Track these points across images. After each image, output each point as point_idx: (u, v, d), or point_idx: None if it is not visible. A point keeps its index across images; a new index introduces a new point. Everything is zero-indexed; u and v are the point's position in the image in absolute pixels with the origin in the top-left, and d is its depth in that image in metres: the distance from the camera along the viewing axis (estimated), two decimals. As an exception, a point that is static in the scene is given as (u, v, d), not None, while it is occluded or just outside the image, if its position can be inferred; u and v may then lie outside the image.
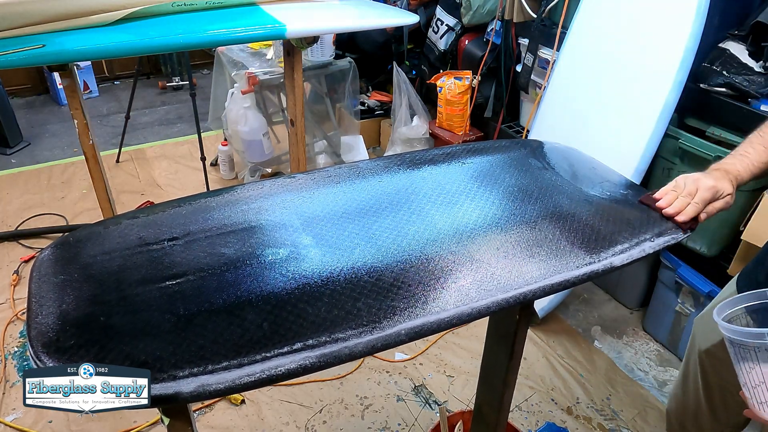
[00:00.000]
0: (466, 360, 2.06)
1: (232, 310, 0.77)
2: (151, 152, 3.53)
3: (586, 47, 2.08)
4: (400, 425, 1.82)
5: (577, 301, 2.37)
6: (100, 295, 0.80)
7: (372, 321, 0.77)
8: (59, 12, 1.73)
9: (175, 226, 0.95)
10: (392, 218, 0.98)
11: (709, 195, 0.98)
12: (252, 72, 2.72)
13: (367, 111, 3.41)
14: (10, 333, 2.15)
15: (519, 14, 2.50)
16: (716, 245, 1.90)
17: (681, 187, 1.01)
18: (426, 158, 1.19)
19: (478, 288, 0.84)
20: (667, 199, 1.02)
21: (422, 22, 3.15)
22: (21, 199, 3.00)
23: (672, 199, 1.01)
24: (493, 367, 1.24)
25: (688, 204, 0.99)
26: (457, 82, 2.80)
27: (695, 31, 1.73)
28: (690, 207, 0.98)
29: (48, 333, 0.74)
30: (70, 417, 1.81)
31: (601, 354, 2.11)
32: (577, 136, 2.01)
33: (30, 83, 4.30)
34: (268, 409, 1.86)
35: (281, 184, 1.08)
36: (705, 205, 0.98)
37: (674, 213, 0.99)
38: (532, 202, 1.04)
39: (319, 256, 0.88)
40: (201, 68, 4.90)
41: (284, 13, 2.01)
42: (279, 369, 0.70)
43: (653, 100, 1.80)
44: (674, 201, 1.00)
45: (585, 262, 0.90)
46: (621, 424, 1.84)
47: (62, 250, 0.90)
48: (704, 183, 0.98)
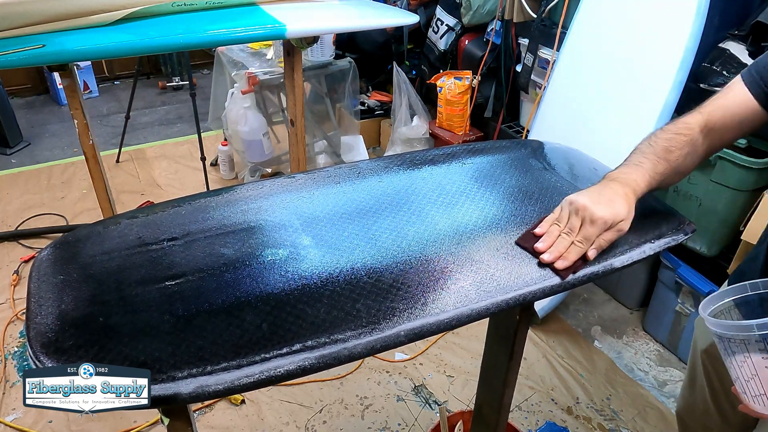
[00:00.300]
0: (466, 360, 2.06)
1: (231, 311, 0.77)
2: (151, 152, 3.53)
3: (586, 47, 2.08)
4: (400, 425, 1.82)
5: (577, 301, 2.37)
6: (99, 295, 0.80)
7: (371, 322, 0.77)
8: (59, 12, 1.73)
9: (174, 226, 0.95)
10: (392, 219, 0.98)
11: (594, 231, 0.85)
12: (252, 72, 2.72)
13: (367, 111, 3.41)
14: (10, 333, 2.15)
15: (519, 14, 2.50)
16: (716, 245, 1.90)
17: (564, 219, 0.88)
18: (426, 158, 1.18)
19: (478, 289, 0.84)
20: (547, 239, 0.88)
21: (422, 22, 3.15)
22: (21, 199, 3.00)
23: (552, 238, 0.88)
24: (494, 367, 1.24)
25: (570, 245, 0.86)
26: (457, 82, 2.80)
27: (695, 31, 1.73)
28: (571, 250, 0.86)
29: (47, 333, 0.74)
30: (70, 417, 1.82)
31: (601, 354, 2.11)
32: (577, 136, 2.01)
33: (30, 83, 4.30)
34: (268, 409, 1.86)
35: (281, 184, 1.08)
36: (590, 243, 0.86)
37: (552, 260, 0.86)
38: (532, 202, 1.04)
39: (318, 257, 0.88)
40: (201, 68, 4.90)
41: (284, 13, 2.01)
42: (278, 370, 0.70)
43: (653, 100, 1.80)
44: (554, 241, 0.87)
45: (585, 263, 0.90)
46: (621, 424, 1.84)
47: (62, 250, 0.90)
48: (589, 215, 0.85)
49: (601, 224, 0.85)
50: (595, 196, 0.86)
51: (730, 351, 0.80)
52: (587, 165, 1.22)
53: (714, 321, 0.81)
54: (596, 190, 0.88)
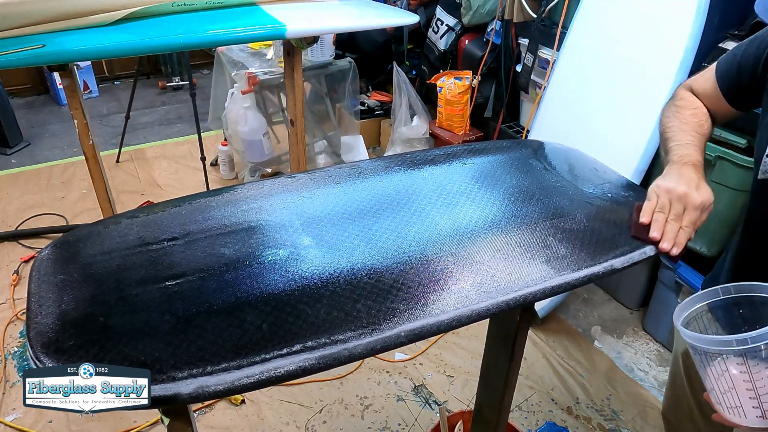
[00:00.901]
0: (466, 360, 2.06)
1: (231, 311, 0.77)
2: (151, 152, 3.53)
3: (586, 47, 2.08)
4: (400, 425, 1.82)
5: (577, 301, 2.37)
6: (99, 295, 0.80)
7: (371, 323, 0.77)
8: (59, 12, 1.73)
9: (174, 226, 0.95)
10: (392, 219, 0.98)
11: (697, 215, 0.89)
12: (252, 72, 2.72)
13: (367, 111, 3.41)
14: (10, 333, 2.15)
15: (519, 14, 2.49)
16: (716, 245, 1.90)
17: (665, 206, 0.91)
18: (426, 158, 1.18)
19: (478, 290, 0.84)
20: (657, 226, 0.92)
21: (422, 22, 3.15)
22: (21, 199, 3.00)
23: (662, 226, 0.91)
24: (494, 367, 1.24)
25: (679, 230, 0.90)
26: (457, 82, 2.80)
27: (695, 31, 1.73)
28: (681, 235, 0.90)
29: (47, 333, 0.74)
30: (70, 417, 1.81)
31: (601, 354, 2.11)
32: (577, 136, 2.01)
33: (30, 83, 4.30)
34: (268, 409, 1.85)
35: (281, 184, 1.08)
36: (695, 227, 0.90)
37: (670, 247, 0.90)
38: (532, 203, 1.04)
39: (318, 257, 0.88)
40: (201, 68, 4.90)
41: (284, 13, 2.01)
42: (278, 370, 0.70)
43: (653, 100, 1.80)
44: (665, 229, 0.91)
45: (585, 264, 0.90)
46: (621, 424, 1.84)
47: (62, 249, 0.90)
48: (691, 201, 0.89)
49: (701, 208, 0.89)
50: (686, 181, 0.90)
51: (706, 362, 0.78)
52: (587, 165, 1.22)
53: (691, 334, 0.79)
54: (680, 175, 0.91)
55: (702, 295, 0.85)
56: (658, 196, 0.93)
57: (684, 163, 0.93)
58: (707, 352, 0.77)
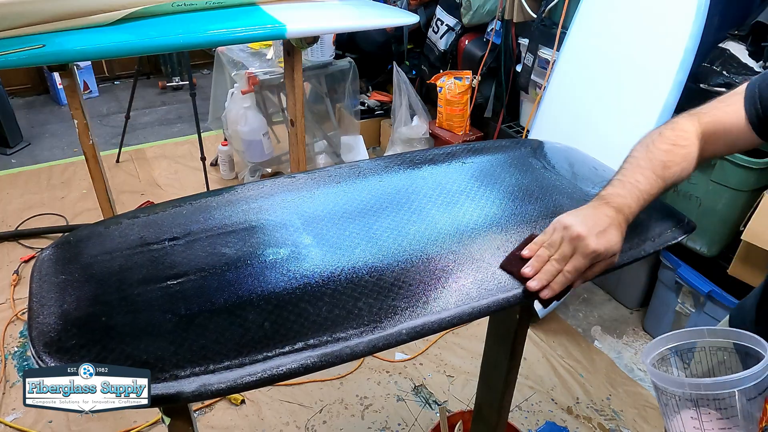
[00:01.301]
0: (466, 360, 2.06)
1: (233, 310, 0.77)
2: (151, 152, 3.53)
3: (586, 47, 2.08)
4: (400, 425, 1.82)
5: (577, 301, 2.37)
6: (101, 295, 0.80)
7: (373, 320, 0.77)
8: (59, 12, 1.73)
9: (175, 225, 0.95)
10: (393, 218, 0.98)
11: (585, 263, 0.80)
12: (252, 72, 2.72)
13: (367, 111, 3.41)
14: (10, 333, 2.15)
15: (519, 14, 2.50)
16: (716, 245, 1.90)
17: (555, 245, 0.82)
18: (426, 158, 1.18)
19: (479, 287, 0.84)
20: (534, 264, 0.83)
21: (422, 22, 3.15)
22: (21, 199, 3.00)
23: (540, 263, 0.83)
24: (494, 366, 1.24)
25: (557, 272, 0.81)
26: (457, 82, 2.80)
27: (695, 31, 1.73)
28: (558, 279, 0.81)
29: (49, 333, 0.74)
30: (70, 417, 1.81)
31: (601, 354, 2.11)
32: (577, 136, 2.01)
33: (30, 83, 4.30)
34: (268, 409, 1.85)
35: (281, 184, 1.08)
36: (579, 274, 0.81)
37: (538, 287, 0.82)
38: (532, 201, 1.04)
39: (319, 256, 0.88)
40: (201, 68, 4.90)
41: (284, 13, 2.01)
42: (280, 368, 0.70)
43: (653, 100, 1.80)
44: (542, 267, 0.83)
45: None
46: (621, 424, 1.85)
47: (63, 250, 0.90)
48: (583, 246, 0.79)
49: (593, 257, 0.80)
50: (591, 223, 0.80)
51: (663, 402, 0.77)
52: (587, 164, 1.23)
53: (651, 370, 0.77)
54: (590, 214, 0.82)
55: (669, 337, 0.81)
56: (553, 230, 0.83)
57: (606, 202, 0.83)
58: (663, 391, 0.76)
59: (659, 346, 0.81)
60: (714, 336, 0.81)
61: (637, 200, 0.83)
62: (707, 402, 0.73)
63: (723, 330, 0.81)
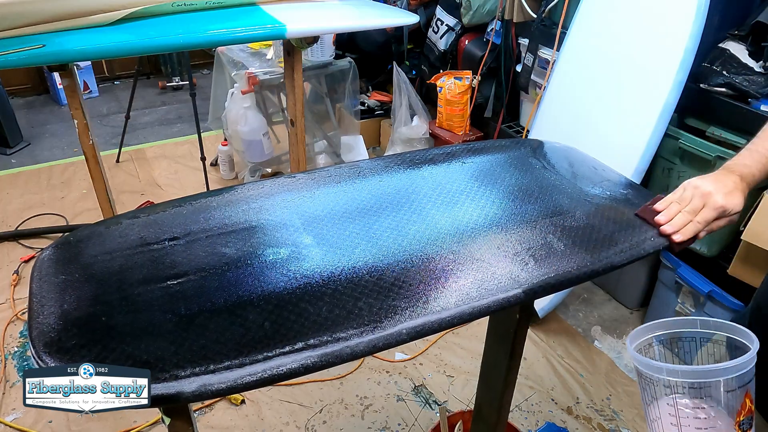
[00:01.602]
0: (466, 360, 2.06)
1: (233, 310, 0.77)
2: (151, 152, 3.53)
3: (586, 47, 2.08)
4: (400, 425, 1.82)
5: (577, 301, 2.37)
6: (101, 295, 0.80)
7: (373, 320, 0.77)
8: (59, 12, 1.74)
9: (175, 225, 0.95)
10: (393, 218, 0.98)
11: (713, 215, 0.91)
12: (252, 72, 2.72)
13: (367, 111, 3.41)
14: (10, 333, 2.15)
15: (519, 14, 2.50)
16: (716, 245, 1.90)
17: (686, 200, 0.93)
18: (426, 158, 1.19)
19: (479, 287, 0.84)
20: (668, 213, 0.94)
21: (422, 22, 3.15)
22: (21, 199, 3.00)
23: (673, 213, 0.94)
24: (493, 366, 1.24)
25: (689, 222, 0.92)
26: (457, 82, 2.80)
27: (695, 31, 1.73)
28: (689, 227, 0.92)
29: (50, 333, 0.74)
30: (70, 417, 1.81)
31: (601, 354, 2.12)
32: (577, 136, 2.01)
33: (30, 83, 4.30)
34: (268, 409, 1.86)
35: (281, 184, 1.08)
36: (707, 225, 0.92)
37: (672, 231, 0.92)
38: (532, 201, 1.04)
39: (320, 256, 0.88)
40: (201, 68, 4.90)
41: (284, 13, 2.01)
42: (281, 368, 0.70)
43: (653, 100, 1.80)
44: (674, 216, 0.93)
45: (585, 261, 0.90)
46: (621, 424, 1.85)
47: (63, 250, 0.90)
48: (712, 201, 0.90)
49: (720, 211, 0.90)
50: (719, 185, 0.91)
51: (643, 387, 0.79)
52: (587, 164, 1.23)
53: (634, 354, 0.79)
54: (717, 178, 0.92)
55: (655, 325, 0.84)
56: (684, 190, 0.95)
57: (731, 170, 0.94)
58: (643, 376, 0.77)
59: (646, 332, 0.84)
60: (706, 327, 0.83)
61: (761, 169, 0.94)
62: (688, 390, 0.74)
63: (715, 321, 0.84)
